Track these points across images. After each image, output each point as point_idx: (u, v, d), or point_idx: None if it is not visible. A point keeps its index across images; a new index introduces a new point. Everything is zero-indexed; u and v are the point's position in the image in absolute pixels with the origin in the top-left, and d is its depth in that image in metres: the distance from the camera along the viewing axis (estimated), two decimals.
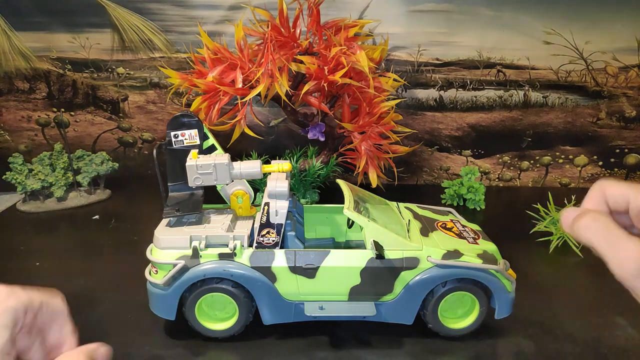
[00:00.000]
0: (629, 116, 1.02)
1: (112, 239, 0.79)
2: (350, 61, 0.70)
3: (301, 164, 0.85)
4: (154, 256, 0.53)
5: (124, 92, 1.02)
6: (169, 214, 0.54)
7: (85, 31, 0.96)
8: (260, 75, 0.69)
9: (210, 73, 0.72)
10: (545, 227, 0.80)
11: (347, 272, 0.52)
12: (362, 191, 0.62)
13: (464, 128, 1.04)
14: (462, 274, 0.52)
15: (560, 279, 0.69)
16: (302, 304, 0.53)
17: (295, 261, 0.52)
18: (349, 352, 0.53)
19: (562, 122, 1.03)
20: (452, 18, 0.95)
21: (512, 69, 0.99)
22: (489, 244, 0.56)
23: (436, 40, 0.97)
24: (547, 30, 0.95)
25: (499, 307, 0.54)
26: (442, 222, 0.61)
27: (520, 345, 0.54)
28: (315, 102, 0.78)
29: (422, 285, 0.53)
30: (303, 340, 0.54)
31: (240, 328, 0.54)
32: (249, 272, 0.51)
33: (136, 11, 0.95)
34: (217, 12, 0.94)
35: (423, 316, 0.55)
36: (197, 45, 0.82)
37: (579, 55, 0.98)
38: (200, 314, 0.54)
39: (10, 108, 1.02)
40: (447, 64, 0.99)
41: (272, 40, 0.70)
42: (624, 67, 0.98)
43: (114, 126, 1.04)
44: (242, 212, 0.59)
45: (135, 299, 0.60)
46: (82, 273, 0.68)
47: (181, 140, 0.56)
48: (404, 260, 0.52)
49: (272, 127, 1.03)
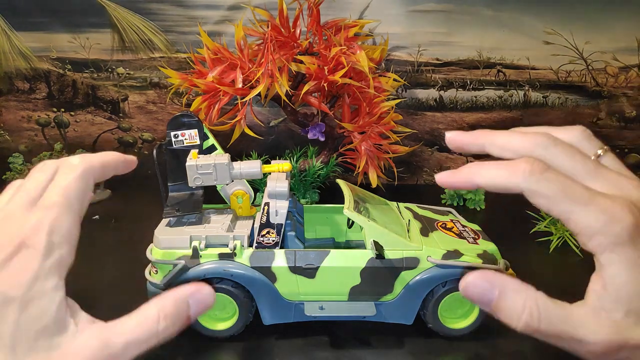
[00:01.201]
0: (629, 116, 1.02)
1: (112, 239, 0.79)
2: (350, 61, 0.70)
3: (301, 164, 0.85)
4: (154, 256, 0.53)
5: (124, 92, 1.02)
6: (169, 214, 0.54)
7: (85, 31, 0.96)
8: (260, 75, 0.69)
9: (210, 73, 0.72)
10: (545, 227, 0.80)
11: (347, 272, 0.52)
12: (362, 191, 0.62)
13: (464, 128, 1.04)
14: (462, 274, 0.52)
15: (560, 279, 0.69)
16: (302, 304, 0.53)
17: (295, 261, 0.52)
18: (349, 352, 0.53)
19: (562, 122, 1.02)
20: (452, 18, 0.95)
21: (512, 69, 0.99)
22: (489, 244, 0.56)
23: (436, 40, 0.97)
24: (547, 30, 0.95)
25: None
26: (442, 222, 0.61)
27: (520, 345, 0.54)
28: (315, 102, 0.78)
29: (422, 285, 0.53)
30: (303, 340, 0.54)
31: (240, 328, 0.54)
32: (249, 272, 0.51)
33: (136, 11, 0.95)
34: (217, 12, 0.94)
35: (423, 316, 0.55)
36: (197, 45, 0.82)
37: (579, 55, 0.98)
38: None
39: (10, 108, 1.02)
40: (447, 64, 0.99)
41: (272, 40, 0.70)
42: (624, 67, 0.98)
43: (114, 126, 1.04)
44: (242, 212, 0.59)
45: (135, 299, 0.60)
46: (82, 273, 0.68)
47: (181, 140, 0.56)
48: (404, 260, 0.52)
49: (272, 127, 1.03)
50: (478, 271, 0.29)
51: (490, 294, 0.28)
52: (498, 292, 0.28)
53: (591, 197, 0.26)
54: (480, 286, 0.29)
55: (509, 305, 0.28)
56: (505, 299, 0.28)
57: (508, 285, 0.29)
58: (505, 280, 0.29)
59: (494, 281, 0.29)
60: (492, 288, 0.29)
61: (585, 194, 0.26)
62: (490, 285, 0.29)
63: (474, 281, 0.29)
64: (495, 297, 0.28)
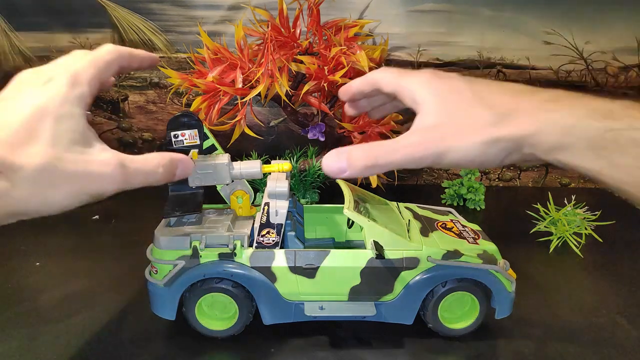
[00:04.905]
0: None
1: (112, 239, 0.79)
2: (350, 61, 0.70)
3: (301, 164, 0.85)
4: (154, 256, 0.53)
5: (124, 92, 1.02)
6: (169, 214, 0.54)
7: (85, 31, 0.96)
8: (260, 75, 0.69)
9: (210, 73, 0.72)
10: (545, 227, 0.80)
11: (347, 272, 0.52)
12: (362, 191, 0.62)
13: None
14: (462, 274, 0.53)
15: (560, 279, 0.69)
16: (302, 304, 0.53)
17: (295, 261, 0.52)
18: (349, 352, 0.53)
19: None
20: (452, 18, 0.95)
21: (512, 69, 0.99)
22: (489, 244, 0.56)
23: (436, 40, 0.97)
24: (547, 30, 0.95)
25: (499, 307, 0.54)
26: (442, 222, 0.61)
27: (520, 345, 0.54)
28: (315, 102, 0.78)
29: (422, 285, 0.53)
30: (303, 340, 0.54)
31: (240, 328, 0.54)
32: (249, 272, 0.51)
33: (136, 11, 0.95)
34: (217, 12, 0.94)
35: (423, 316, 0.55)
36: (197, 45, 0.82)
37: (579, 55, 0.98)
38: (200, 314, 0.54)
39: None
40: (447, 64, 0.99)
41: (272, 40, 0.70)
42: (624, 67, 0.98)
43: (114, 126, 1.04)
44: (242, 212, 0.59)
45: (135, 299, 0.60)
46: (82, 273, 0.68)
47: (181, 140, 0.56)
48: (404, 260, 0.52)
49: (272, 127, 1.03)
50: (331, 152, 0.39)
51: (342, 166, 0.38)
52: (347, 159, 0.38)
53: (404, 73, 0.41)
54: (332, 162, 0.38)
55: (356, 165, 0.38)
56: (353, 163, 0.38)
57: (351, 151, 0.38)
58: (347, 149, 0.38)
59: (341, 154, 0.38)
60: (341, 161, 0.38)
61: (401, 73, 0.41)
62: (339, 157, 0.38)
63: (325, 162, 0.39)
64: (346, 167, 0.38)
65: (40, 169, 0.33)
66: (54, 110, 0.34)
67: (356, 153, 0.38)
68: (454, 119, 0.36)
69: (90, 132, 0.37)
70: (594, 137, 0.32)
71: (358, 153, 0.38)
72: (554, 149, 0.33)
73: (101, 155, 0.36)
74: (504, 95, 0.36)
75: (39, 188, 0.33)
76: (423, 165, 0.37)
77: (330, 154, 0.39)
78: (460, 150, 0.35)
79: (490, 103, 0.35)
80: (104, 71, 0.40)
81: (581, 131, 0.32)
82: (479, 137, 0.34)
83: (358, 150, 0.38)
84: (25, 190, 0.33)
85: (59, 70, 0.37)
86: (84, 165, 0.35)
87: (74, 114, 0.35)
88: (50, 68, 0.38)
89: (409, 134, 0.37)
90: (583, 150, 0.32)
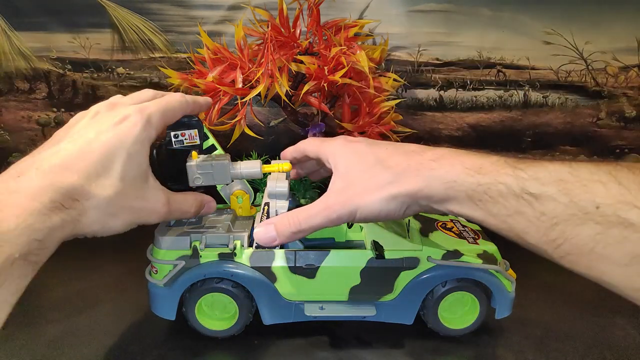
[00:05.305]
0: (629, 116, 1.02)
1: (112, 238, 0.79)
2: (350, 61, 0.70)
3: None
4: (154, 256, 0.53)
5: (124, 92, 1.01)
6: None
7: (85, 31, 0.96)
8: (260, 75, 0.69)
9: (210, 73, 0.72)
10: None
11: (347, 272, 0.52)
12: None
13: (464, 128, 1.04)
14: (462, 274, 0.53)
15: (560, 279, 0.69)
16: (302, 304, 0.53)
17: (295, 261, 0.52)
18: (349, 352, 0.53)
19: (562, 122, 1.03)
20: (452, 18, 0.95)
21: (512, 69, 0.99)
22: (489, 244, 0.56)
23: (436, 40, 0.97)
24: (547, 30, 0.95)
25: (499, 307, 0.54)
26: (442, 222, 0.61)
27: (520, 345, 0.54)
28: (315, 102, 0.78)
29: (422, 285, 0.53)
30: (303, 340, 0.54)
31: (240, 328, 0.54)
32: (249, 272, 0.52)
33: (136, 11, 0.95)
34: (217, 12, 0.94)
35: (423, 316, 0.55)
36: (197, 45, 0.82)
37: (579, 55, 0.98)
38: (200, 314, 0.54)
39: (10, 108, 1.02)
40: (447, 64, 0.99)
41: (272, 40, 0.70)
42: (624, 67, 0.98)
43: None
44: (242, 212, 0.59)
45: (135, 299, 0.60)
46: (82, 273, 0.68)
47: (181, 141, 0.56)
48: (404, 260, 0.52)
49: (272, 127, 1.03)
50: (260, 225, 0.47)
51: (272, 236, 0.45)
52: (275, 229, 0.45)
53: (323, 141, 0.50)
54: (262, 235, 0.46)
55: (284, 233, 0.45)
56: (280, 232, 0.45)
57: (277, 222, 0.45)
58: (274, 220, 0.46)
59: (269, 226, 0.46)
60: (270, 232, 0.45)
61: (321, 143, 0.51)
62: (267, 228, 0.46)
63: (256, 236, 0.46)
64: (275, 236, 0.45)
65: (109, 200, 0.38)
66: (127, 148, 0.40)
67: (281, 222, 0.44)
68: (360, 181, 0.42)
69: (149, 169, 0.43)
70: (469, 191, 0.37)
71: (284, 221, 0.44)
72: (443, 200, 0.39)
73: (156, 193, 0.44)
74: (399, 156, 0.42)
75: (104, 216, 0.39)
76: (341, 222, 0.43)
77: (259, 227, 0.46)
78: (367, 207, 0.41)
79: (387, 164, 0.42)
80: (170, 118, 0.47)
81: (460, 185, 0.37)
82: (381, 194, 0.40)
83: (284, 219, 0.44)
84: (92, 217, 0.38)
85: (134, 110, 0.42)
86: (142, 202, 0.42)
87: (142, 152, 0.41)
88: (125, 103, 0.44)
89: (325, 196, 0.44)
90: (465, 202, 0.38)
